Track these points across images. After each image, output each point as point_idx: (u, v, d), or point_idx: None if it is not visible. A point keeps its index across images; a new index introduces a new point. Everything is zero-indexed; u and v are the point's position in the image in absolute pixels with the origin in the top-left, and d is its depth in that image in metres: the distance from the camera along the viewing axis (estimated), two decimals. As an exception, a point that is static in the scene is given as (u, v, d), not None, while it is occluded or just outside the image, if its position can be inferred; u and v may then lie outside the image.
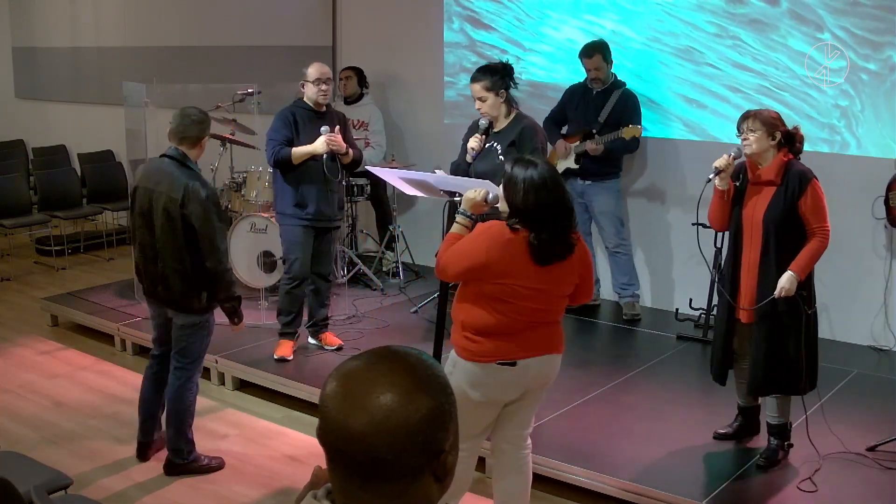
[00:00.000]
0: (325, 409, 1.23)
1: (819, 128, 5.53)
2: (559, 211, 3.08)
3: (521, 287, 3.08)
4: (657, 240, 6.35)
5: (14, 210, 8.12)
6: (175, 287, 4.07)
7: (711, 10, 5.89)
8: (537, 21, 6.72)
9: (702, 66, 5.97)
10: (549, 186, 3.07)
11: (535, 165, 3.11)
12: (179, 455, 4.26)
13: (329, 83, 5.12)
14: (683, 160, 6.14)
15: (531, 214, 3.06)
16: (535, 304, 3.12)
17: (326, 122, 5.11)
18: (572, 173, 6.07)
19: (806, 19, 5.51)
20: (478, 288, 3.14)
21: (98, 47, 9.89)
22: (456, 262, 3.16)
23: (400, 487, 1.22)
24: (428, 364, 1.26)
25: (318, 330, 5.49)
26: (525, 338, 3.17)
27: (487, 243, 3.09)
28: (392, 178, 4.41)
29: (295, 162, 5.04)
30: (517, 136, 4.41)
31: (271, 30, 8.18)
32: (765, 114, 3.83)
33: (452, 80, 7.24)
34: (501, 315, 3.12)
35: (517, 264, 3.07)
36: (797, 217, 3.76)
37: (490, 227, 3.14)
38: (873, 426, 4.32)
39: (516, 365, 3.16)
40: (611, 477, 3.91)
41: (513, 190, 3.10)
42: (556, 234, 3.08)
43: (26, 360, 5.92)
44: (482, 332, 3.16)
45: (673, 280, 6.32)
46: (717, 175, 3.89)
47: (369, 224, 7.57)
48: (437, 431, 1.22)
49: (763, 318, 3.84)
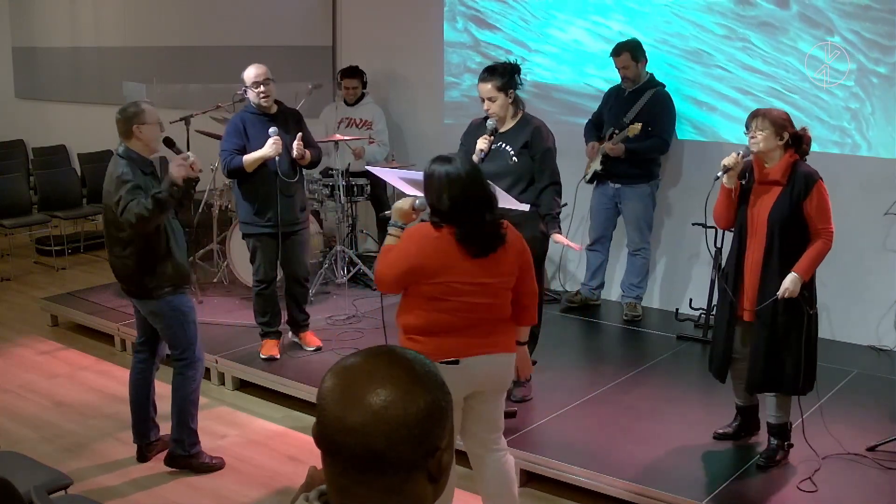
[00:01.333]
0: (323, 404, 1.24)
1: (830, 130, 5.52)
2: (477, 203, 3.12)
3: (457, 283, 3.11)
4: (657, 240, 6.34)
5: (14, 210, 8.12)
6: (122, 274, 4.14)
7: (720, 11, 5.86)
8: (543, 22, 6.69)
9: (711, 69, 5.93)
10: (462, 181, 3.11)
11: (450, 161, 3.16)
12: (181, 446, 4.25)
13: (268, 83, 5.03)
14: (688, 161, 6.13)
15: (448, 210, 3.11)
16: (475, 298, 3.14)
17: (278, 123, 5.06)
18: (602, 176, 6.01)
19: (816, 22, 5.48)
20: (416, 290, 3.17)
21: (98, 47, 9.89)
22: (390, 270, 3.20)
23: (395, 484, 1.22)
24: (424, 362, 1.28)
25: (298, 329, 5.49)
26: (469, 335, 3.18)
27: (416, 245, 3.14)
28: (392, 178, 4.41)
29: (248, 169, 4.99)
30: (530, 138, 4.39)
31: (271, 30, 8.18)
32: (774, 113, 3.83)
33: (456, 80, 7.21)
34: (442, 313, 3.14)
35: (449, 260, 3.10)
36: (802, 218, 3.76)
37: (416, 230, 3.20)
38: (873, 426, 4.32)
39: (459, 363, 3.15)
40: (611, 477, 3.91)
41: (428, 188, 3.18)
42: (477, 227, 3.11)
43: (26, 360, 5.92)
44: (424, 332, 3.18)
45: (673, 280, 6.32)
46: (726, 173, 3.90)
47: (369, 224, 7.56)
48: (434, 428, 1.23)
49: (764, 317, 3.84)
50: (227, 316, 6.10)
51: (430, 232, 3.14)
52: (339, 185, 6.50)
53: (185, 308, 4.20)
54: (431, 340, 3.15)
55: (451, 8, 7.15)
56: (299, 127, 5.18)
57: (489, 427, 3.39)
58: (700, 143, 6.05)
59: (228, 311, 6.21)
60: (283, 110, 5.19)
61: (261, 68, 5.03)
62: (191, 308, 4.23)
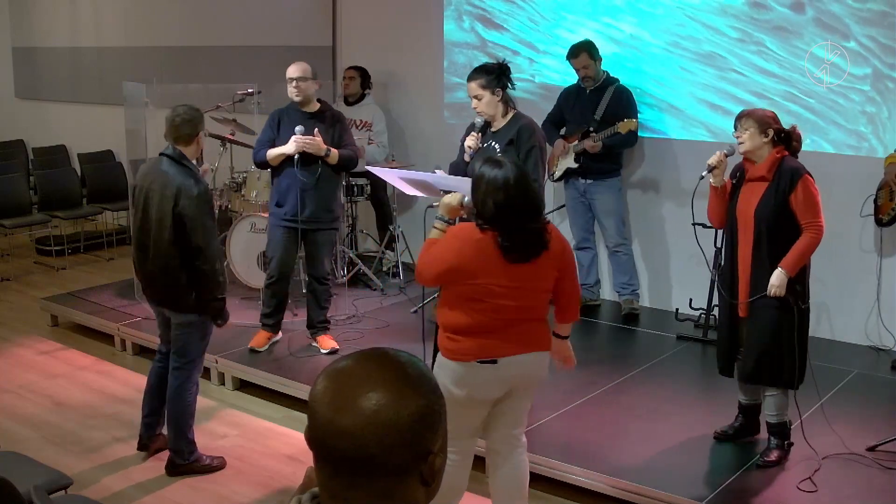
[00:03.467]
0: (315, 406, 1.24)
1: (847, 134, 5.51)
2: (522, 211, 3.12)
3: (495, 286, 3.11)
4: (658, 240, 6.35)
5: (14, 210, 8.12)
6: (165, 286, 4.09)
7: (734, 14, 5.81)
8: (552, 23, 6.63)
9: (726, 72, 5.88)
10: (509, 188, 3.10)
11: (501, 166, 3.15)
12: (180, 455, 4.26)
13: (303, 81, 5.11)
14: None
15: (493, 215, 3.11)
16: (512, 301, 3.14)
17: (314, 122, 5.13)
18: (573, 173, 6.09)
19: (832, 27, 5.44)
20: (454, 289, 3.18)
21: (98, 47, 9.89)
22: (430, 267, 3.21)
23: (387, 487, 1.22)
24: (417, 365, 1.27)
25: (316, 332, 5.49)
26: (506, 336, 3.19)
27: (458, 245, 3.14)
28: (392, 178, 4.41)
29: (272, 163, 5.15)
30: (515, 135, 4.41)
31: (271, 30, 8.18)
32: (758, 112, 3.92)
33: (462, 81, 7.10)
34: (479, 314, 3.15)
35: (488, 263, 3.10)
36: (789, 213, 3.79)
37: (460, 230, 3.21)
38: (873, 426, 4.32)
39: (497, 363, 3.17)
40: (610, 477, 3.91)
41: (475, 191, 3.18)
42: (522, 233, 3.11)
43: (26, 360, 5.92)
44: (462, 332, 3.19)
45: (673, 280, 6.32)
46: (710, 172, 3.97)
47: (369, 224, 7.56)
48: (426, 431, 1.22)
49: (756, 311, 3.88)
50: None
51: (473, 233, 3.14)
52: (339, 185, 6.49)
53: (211, 328, 4.25)
54: (470, 340, 3.17)
55: (458, 7, 7.08)
56: (335, 129, 5.20)
57: (515, 423, 3.41)
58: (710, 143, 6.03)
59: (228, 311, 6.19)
60: (324, 109, 5.26)
61: (298, 67, 5.15)
62: (212, 326, 4.26)
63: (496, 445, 3.44)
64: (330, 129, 5.18)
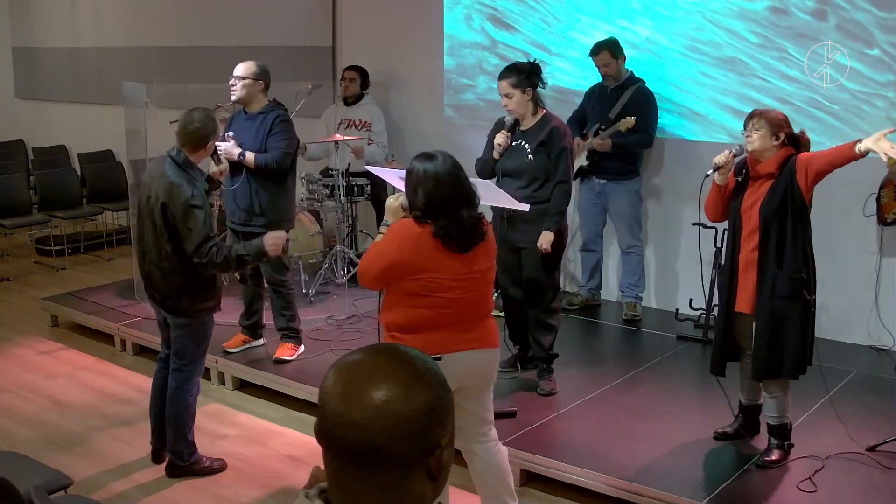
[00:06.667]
0: (325, 399, 1.25)
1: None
2: (452, 200, 3.15)
3: (437, 279, 3.13)
4: (657, 240, 6.34)
5: (14, 210, 8.12)
6: (160, 286, 4.09)
7: (754, 19, 5.72)
8: (566, 25, 6.52)
9: (748, 78, 5.79)
10: (439, 177, 3.14)
11: (431, 159, 3.19)
12: (179, 457, 4.26)
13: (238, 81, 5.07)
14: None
15: (425, 205, 3.14)
16: (457, 293, 3.16)
17: (250, 123, 5.09)
18: (588, 172, 6.04)
19: (855, 35, 5.39)
20: (398, 287, 3.19)
21: (98, 47, 9.89)
22: (372, 265, 3.22)
23: (394, 479, 1.23)
24: (426, 360, 1.29)
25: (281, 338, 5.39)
26: (450, 332, 3.20)
27: (398, 241, 3.17)
28: (392, 178, 4.41)
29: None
30: (546, 137, 4.52)
31: (271, 30, 8.18)
32: (771, 114, 3.88)
33: (471, 83, 7.07)
34: (423, 310, 3.16)
35: (430, 257, 3.13)
36: (797, 199, 3.77)
37: (400, 226, 3.23)
38: (873, 426, 4.31)
39: (441, 359, 3.14)
40: (610, 477, 3.91)
41: (408, 186, 3.21)
42: (457, 223, 3.14)
43: (26, 360, 5.92)
44: (405, 330, 3.20)
45: (673, 280, 6.32)
46: (716, 171, 3.96)
47: (369, 224, 7.56)
48: (434, 425, 1.24)
49: (764, 307, 3.85)
50: (226, 316, 6.06)
51: (412, 228, 3.17)
52: (339, 185, 6.50)
53: (210, 329, 4.25)
54: (413, 337, 3.16)
55: (468, 5, 6.98)
56: (262, 130, 5.05)
57: (477, 421, 3.42)
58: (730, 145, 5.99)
59: (228, 311, 6.15)
60: (266, 111, 5.10)
61: (242, 65, 5.10)
62: (211, 328, 4.27)
63: (468, 445, 3.44)
64: (259, 130, 5.06)
